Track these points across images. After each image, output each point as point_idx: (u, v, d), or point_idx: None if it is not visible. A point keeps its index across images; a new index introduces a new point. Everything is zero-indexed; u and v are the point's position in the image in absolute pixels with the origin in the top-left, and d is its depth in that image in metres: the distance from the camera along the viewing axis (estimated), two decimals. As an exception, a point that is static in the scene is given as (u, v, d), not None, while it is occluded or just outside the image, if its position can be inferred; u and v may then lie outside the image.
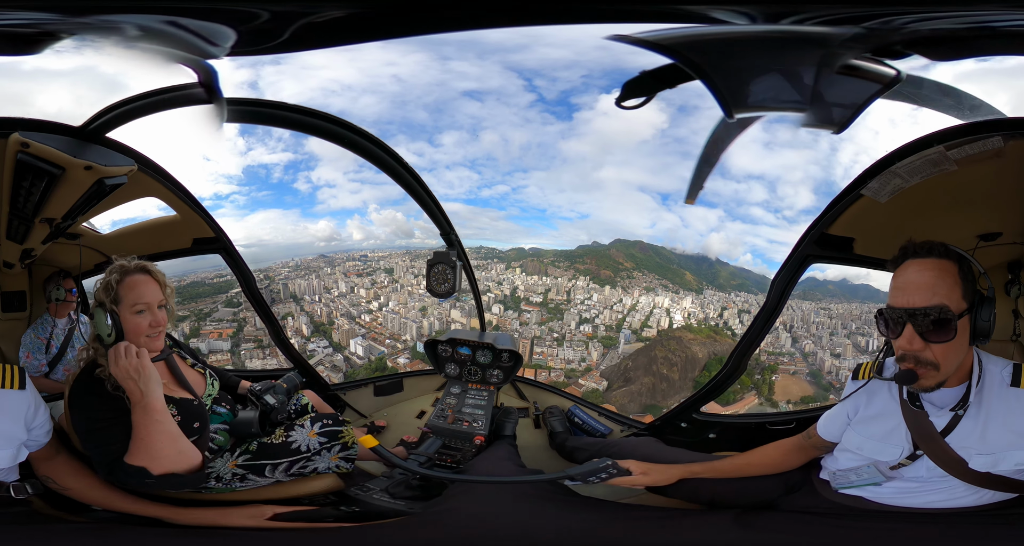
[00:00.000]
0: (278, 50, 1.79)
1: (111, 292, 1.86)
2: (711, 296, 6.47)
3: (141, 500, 1.91)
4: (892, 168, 1.88)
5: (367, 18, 1.73)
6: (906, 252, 1.56)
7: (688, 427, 2.79)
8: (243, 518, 1.94)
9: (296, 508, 2.02)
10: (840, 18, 1.53)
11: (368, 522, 2.00)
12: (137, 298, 1.87)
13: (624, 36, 1.68)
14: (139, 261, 1.94)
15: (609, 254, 7.04)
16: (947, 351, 1.50)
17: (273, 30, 1.71)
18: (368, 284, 6.98)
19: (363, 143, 2.38)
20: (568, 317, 6.90)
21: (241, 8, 1.67)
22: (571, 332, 6.82)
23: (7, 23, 1.65)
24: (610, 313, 6.84)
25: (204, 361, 2.23)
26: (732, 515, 1.83)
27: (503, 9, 1.76)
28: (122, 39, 1.74)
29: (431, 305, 6.91)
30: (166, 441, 1.75)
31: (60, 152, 1.88)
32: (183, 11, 1.64)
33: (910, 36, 1.55)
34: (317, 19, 1.69)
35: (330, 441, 2.11)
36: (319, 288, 6.64)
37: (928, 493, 1.69)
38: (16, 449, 1.74)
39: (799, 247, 2.34)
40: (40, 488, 1.86)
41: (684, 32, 1.67)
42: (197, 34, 1.71)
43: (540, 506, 1.91)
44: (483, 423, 2.71)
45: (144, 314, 1.88)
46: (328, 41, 1.81)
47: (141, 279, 1.90)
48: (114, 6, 1.67)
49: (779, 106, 1.82)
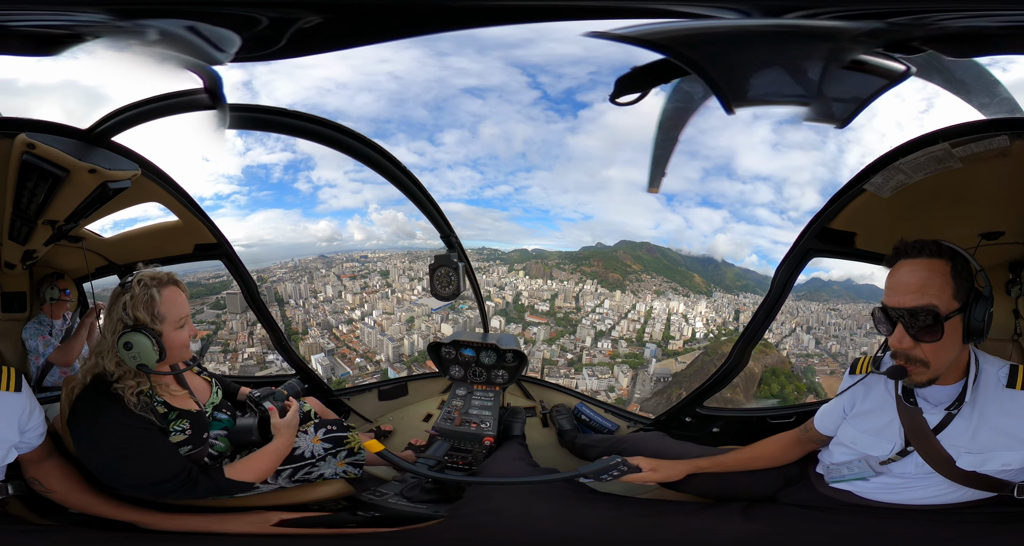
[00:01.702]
0: (278, 56, 1.77)
1: (150, 309, 1.76)
2: (720, 298, 6.37)
3: (120, 504, 1.89)
4: (896, 164, 1.89)
5: (363, 20, 1.73)
6: (898, 252, 1.58)
7: (692, 421, 2.81)
8: (245, 524, 1.92)
9: (304, 515, 2.00)
10: (864, 14, 1.53)
11: (399, 527, 2.00)
12: (180, 312, 1.81)
13: (602, 33, 1.67)
14: (165, 272, 1.85)
15: (616, 256, 6.87)
16: (937, 350, 1.53)
17: (272, 36, 1.71)
18: (358, 288, 6.72)
19: (360, 147, 2.38)
20: (581, 331, 6.42)
21: (243, 13, 1.66)
22: (588, 351, 6.31)
23: (30, 24, 1.64)
24: (628, 323, 6.40)
25: (204, 368, 2.21)
26: (740, 508, 1.86)
27: (498, 7, 1.76)
28: (141, 44, 1.72)
29: (420, 316, 6.63)
30: (278, 462, 1.96)
31: (65, 154, 1.87)
32: (196, 15, 1.64)
33: (934, 32, 1.54)
34: (308, 24, 1.68)
35: (335, 447, 2.10)
36: (306, 292, 6.44)
37: (911, 489, 1.72)
38: (5, 451, 1.73)
39: (800, 241, 2.35)
40: (24, 489, 1.84)
41: (670, 27, 1.66)
42: (209, 40, 1.70)
43: (562, 505, 1.92)
44: (491, 424, 2.71)
45: (184, 327, 1.83)
46: (326, 46, 1.80)
47: (176, 291, 1.83)
48: (140, 10, 1.66)
49: (784, 101, 1.83)
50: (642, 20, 1.68)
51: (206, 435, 1.90)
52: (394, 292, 6.82)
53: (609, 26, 1.71)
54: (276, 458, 1.94)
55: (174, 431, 1.83)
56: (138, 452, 1.76)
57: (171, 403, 1.87)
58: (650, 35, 1.66)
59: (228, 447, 2.00)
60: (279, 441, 1.94)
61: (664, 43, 1.68)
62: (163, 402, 1.85)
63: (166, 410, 1.85)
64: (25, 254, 2.39)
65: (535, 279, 6.95)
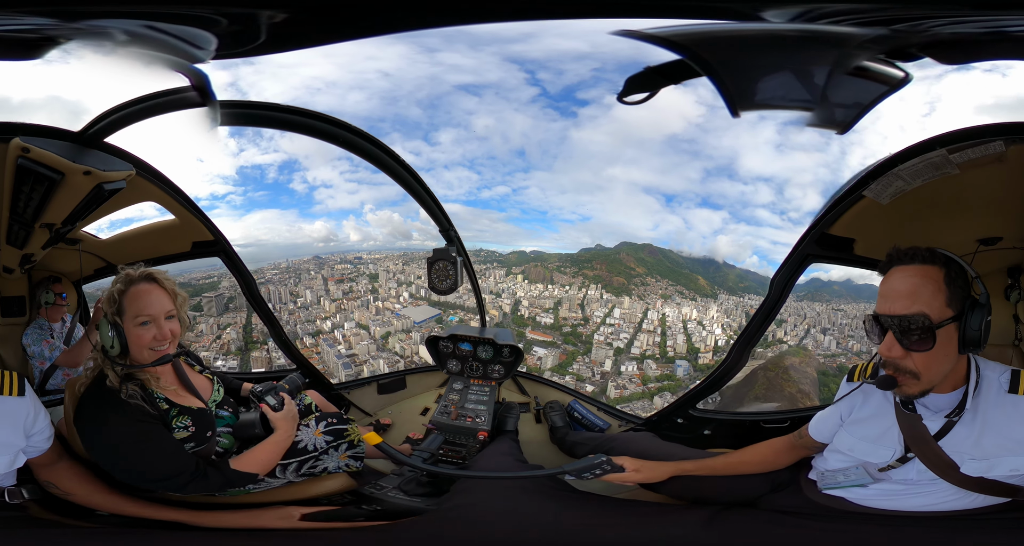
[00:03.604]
0: (259, 52, 1.75)
1: (114, 304, 1.83)
2: (726, 301, 6.11)
3: (153, 504, 1.92)
4: (894, 170, 1.87)
5: (350, 15, 1.69)
6: (891, 259, 1.54)
7: (684, 423, 2.81)
8: (274, 519, 1.96)
9: (323, 508, 2.04)
10: (870, 20, 1.50)
11: (393, 520, 2.03)
12: (140, 310, 1.83)
13: (632, 31, 1.65)
14: (147, 269, 1.88)
15: (619, 258, 6.53)
16: (929, 360, 1.48)
17: (247, 32, 1.67)
18: (340, 293, 6.37)
19: (359, 142, 2.36)
20: (598, 352, 5.60)
21: (206, 14, 1.62)
22: (612, 378, 5.48)
23: (8, 28, 1.62)
24: (646, 337, 5.67)
25: (206, 366, 2.24)
26: (708, 513, 1.83)
27: (504, 3, 1.73)
28: (113, 44, 1.71)
29: (398, 332, 6.17)
30: (280, 453, 2.00)
31: (60, 157, 1.87)
32: (158, 16, 1.61)
33: (929, 39, 1.52)
34: (281, 18, 1.65)
35: (336, 440, 2.13)
36: (286, 296, 6.21)
37: (915, 496, 1.68)
38: (13, 456, 1.74)
39: (799, 246, 2.34)
40: (38, 493, 1.86)
41: (695, 29, 1.64)
42: (181, 38, 1.68)
43: (539, 501, 1.93)
44: (486, 418, 2.74)
45: (148, 326, 1.84)
46: (308, 41, 1.77)
47: (146, 289, 1.85)
48: (95, 11, 1.63)
49: (786, 105, 1.80)
50: (656, 20, 1.65)
51: (210, 432, 1.92)
52: (377, 299, 6.48)
53: (608, 26, 1.69)
54: (279, 449, 1.98)
55: (177, 428, 1.86)
56: (145, 444, 1.79)
57: (173, 400, 1.90)
58: (674, 36, 1.64)
59: (233, 443, 2.03)
60: (280, 433, 1.98)
61: (685, 44, 1.66)
62: (165, 398, 1.88)
63: (168, 406, 1.88)
64: (23, 258, 2.41)
65: (534, 284, 6.55)
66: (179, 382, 2.00)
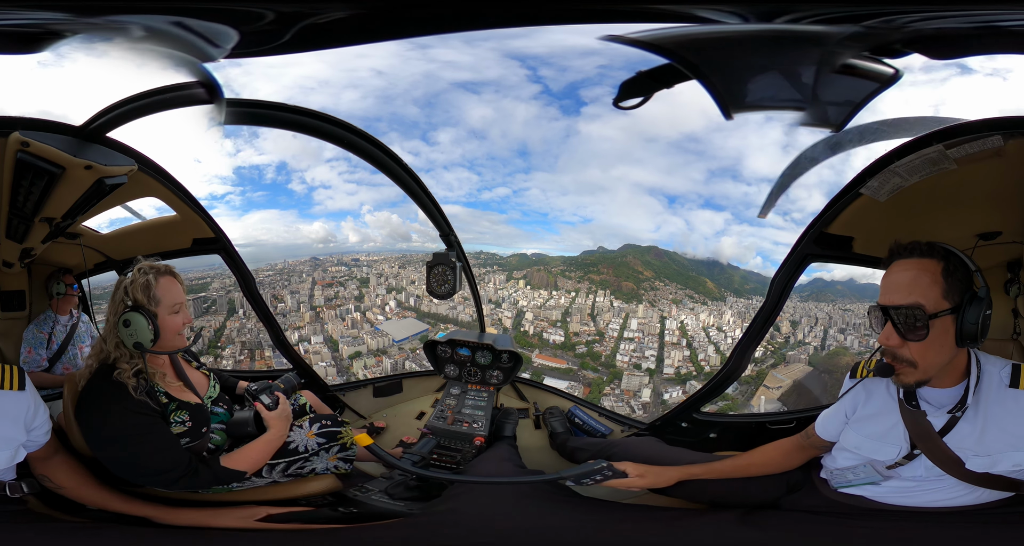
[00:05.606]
0: (279, 52, 1.78)
1: (149, 292, 1.87)
2: (735, 303, 5.95)
3: (132, 500, 1.92)
4: (891, 167, 1.87)
5: (368, 18, 1.73)
6: (892, 253, 1.59)
7: (689, 427, 2.78)
8: (234, 519, 1.95)
9: (289, 509, 2.02)
10: (839, 17, 1.53)
11: (364, 523, 1.99)
12: (175, 298, 1.92)
13: (618, 37, 1.68)
14: (163, 263, 1.97)
15: (625, 261, 6.22)
16: (924, 350, 1.52)
17: (275, 31, 1.71)
18: (323, 300, 6.08)
19: (359, 142, 2.37)
20: (630, 380, 4.53)
21: (246, 8, 1.67)
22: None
23: (12, 23, 1.65)
24: (676, 352, 4.96)
25: (202, 363, 2.24)
26: (737, 514, 1.82)
27: (498, 8, 1.76)
28: (126, 40, 1.74)
29: (370, 353, 5.69)
30: (271, 452, 2.00)
31: (60, 151, 1.87)
32: (189, 11, 1.64)
33: (911, 35, 1.55)
34: (320, 20, 1.69)
35: (328, 442, 2.12)
36: (269, 300, 5.72)
37: (927, 492, 1.69)
38: (14, 450, 1.74)
39: (798, 246, 2.33)
40: (37, 487, 1.87)
41: (679, 32, 1.67)
42: (200, 35, 1.71)
43: (539, 507, 1.90)
44: (483, 424, 2.71)
45: (180, 313, 1.93)
46: (329, 42, 1.81)
47: (171, 279, 1.94)
48: (118, 6, 1.67)
49: (777, 105, 1.83)
50: (636, 24, 1.67)
51: (205, 428, 1.94)
52: (360, 308, 6.18)
53: (605, 30, 1.71)
54: (270, 448, 1.99)
55: (175, 422, 1.88)
56: (144, 438, 1.81)
57: (172, 394, 1.92)
58: (659, 40, 1.67)
59: (225, 440, 2.03)
60: (273, 432, 1.99)
61: (670, 48, 1.69)
62: (164, 393, 1.90)
63: (167, 400, 1.89)
64: (23, 252, 2.41)
65: (537, 290, 6.06)
66: (177, 377, 2.01)
